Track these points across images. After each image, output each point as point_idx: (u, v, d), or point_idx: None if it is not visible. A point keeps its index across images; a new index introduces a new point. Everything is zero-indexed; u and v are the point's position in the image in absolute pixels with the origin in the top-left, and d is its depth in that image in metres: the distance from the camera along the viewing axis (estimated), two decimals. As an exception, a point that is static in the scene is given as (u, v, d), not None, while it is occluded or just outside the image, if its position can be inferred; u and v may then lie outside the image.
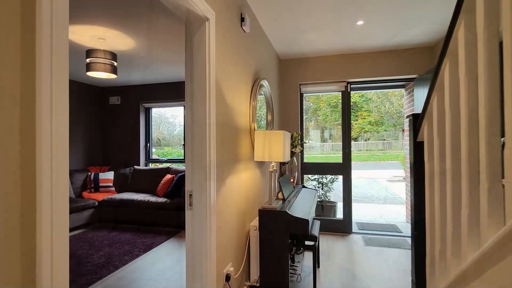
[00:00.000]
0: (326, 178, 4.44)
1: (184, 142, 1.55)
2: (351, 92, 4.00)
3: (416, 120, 1.36)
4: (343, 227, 3.87)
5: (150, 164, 5.56)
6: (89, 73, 3.02)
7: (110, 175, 4.96)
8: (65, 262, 0.73)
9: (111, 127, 5.58)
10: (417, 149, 1.36)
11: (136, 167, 5.10)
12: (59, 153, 0.70)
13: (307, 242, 2.81)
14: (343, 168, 3.91)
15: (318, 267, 2.80)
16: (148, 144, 5.54)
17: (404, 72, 3.66)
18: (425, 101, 1.23)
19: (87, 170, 5.00)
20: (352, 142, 3.59)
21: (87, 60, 3.00)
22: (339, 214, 4.37)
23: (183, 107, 5.35)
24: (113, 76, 3.17)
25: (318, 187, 4.43)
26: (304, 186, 3.37)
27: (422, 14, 2.65)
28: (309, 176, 4.49)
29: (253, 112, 2.42)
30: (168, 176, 4.57)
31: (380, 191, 8.14)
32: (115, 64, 3.15)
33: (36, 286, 0.66)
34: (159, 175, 4.84)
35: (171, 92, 5.26)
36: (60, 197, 0.71)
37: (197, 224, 1.51)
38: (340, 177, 4.04)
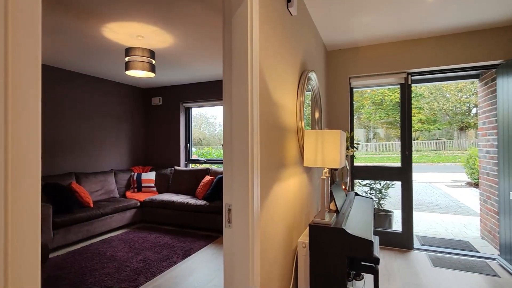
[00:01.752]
0: (380, 184, 3.91)
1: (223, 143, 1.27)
2: (412, 84, 3.43)
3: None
4: (402, 242, 3.32)
5: (190, 164, 5.50)
6: (128, 72, 2.95)
7: (152, 175, 4.98)
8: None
9: (153, 128, 5.64)
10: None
11: (176, 167, 5.06)
12: (23, 159, 0.45)
13: (363, 262, 2.39)
14: (402, 173, 3.35)
15: (377, 291, 2.36)
16: (188, 144, 5.48)
17: (481, 58, 3.00)
18: None
19: (131, 170, 5.09)
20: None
21: (126, 59, 2.93)
22: (395, 225, 3.82)
23: (222, 107, 5.19)
24: (151, 74, 3.06)
25: (371, 194, 3.92)
26: (357, 194, 2.93)
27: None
28: (359, 181, 4.00)
29: (301, 108, 2.08)
30: (208, 177, 4.42)
31: (439, 198, 7.18)
32: (153, 62, 3.04)
33: None
34: (199, 176, 4.73)
35: (211, 91, 5.13)
36: (24, 218, 0.46)
37: (237, 246, 1.22)
38: (397, 183, 3.50)
